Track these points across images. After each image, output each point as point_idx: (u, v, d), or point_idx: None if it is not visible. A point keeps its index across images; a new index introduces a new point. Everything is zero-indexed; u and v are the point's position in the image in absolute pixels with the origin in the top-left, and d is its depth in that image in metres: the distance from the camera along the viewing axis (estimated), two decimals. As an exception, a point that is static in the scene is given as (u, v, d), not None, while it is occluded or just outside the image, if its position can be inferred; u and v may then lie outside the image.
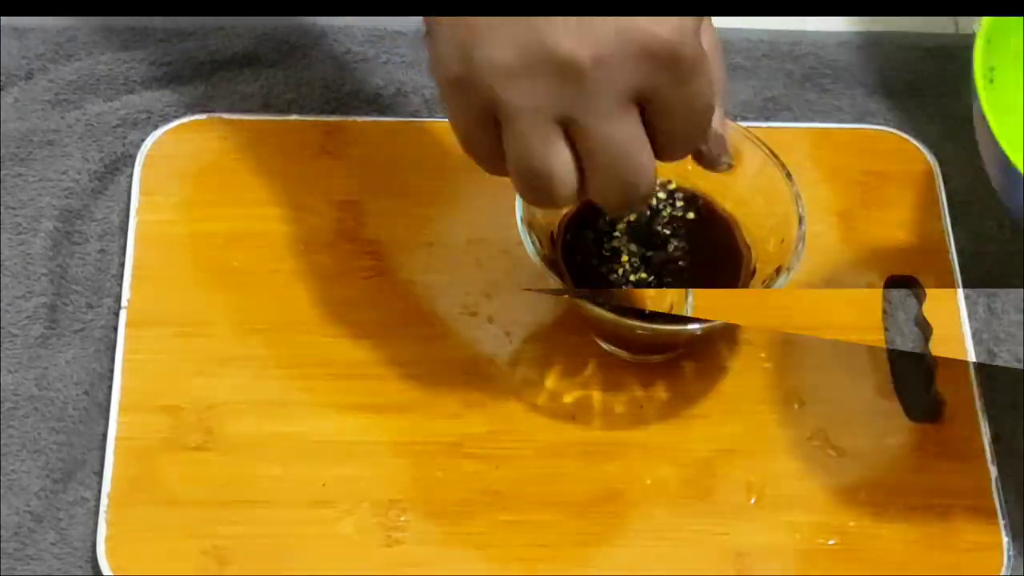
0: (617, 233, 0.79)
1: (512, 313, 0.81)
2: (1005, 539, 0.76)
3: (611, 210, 0.72)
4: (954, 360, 0.81)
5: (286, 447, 0.77)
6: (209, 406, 0.77)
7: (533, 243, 0.76)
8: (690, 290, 0.75)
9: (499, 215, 0.78)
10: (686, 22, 0.66)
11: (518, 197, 0.74)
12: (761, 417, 0.79)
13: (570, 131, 0.67)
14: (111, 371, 0.78)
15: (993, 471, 0.78)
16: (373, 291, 0.80)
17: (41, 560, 0.74)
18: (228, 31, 0.90)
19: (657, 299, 0.77)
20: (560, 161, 0.68)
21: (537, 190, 0.69)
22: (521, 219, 0.76)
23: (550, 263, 0.77)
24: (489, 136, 0.68)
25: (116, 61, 0.88)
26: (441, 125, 0.84)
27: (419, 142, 0.71)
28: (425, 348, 0.79)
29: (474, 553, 0.75)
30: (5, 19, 0.89)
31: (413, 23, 0.90)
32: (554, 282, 0.76)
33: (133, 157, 0.85)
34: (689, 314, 0.75)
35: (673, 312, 0.76)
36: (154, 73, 0.88)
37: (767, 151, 0.79)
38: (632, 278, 0.78)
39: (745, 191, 0.79)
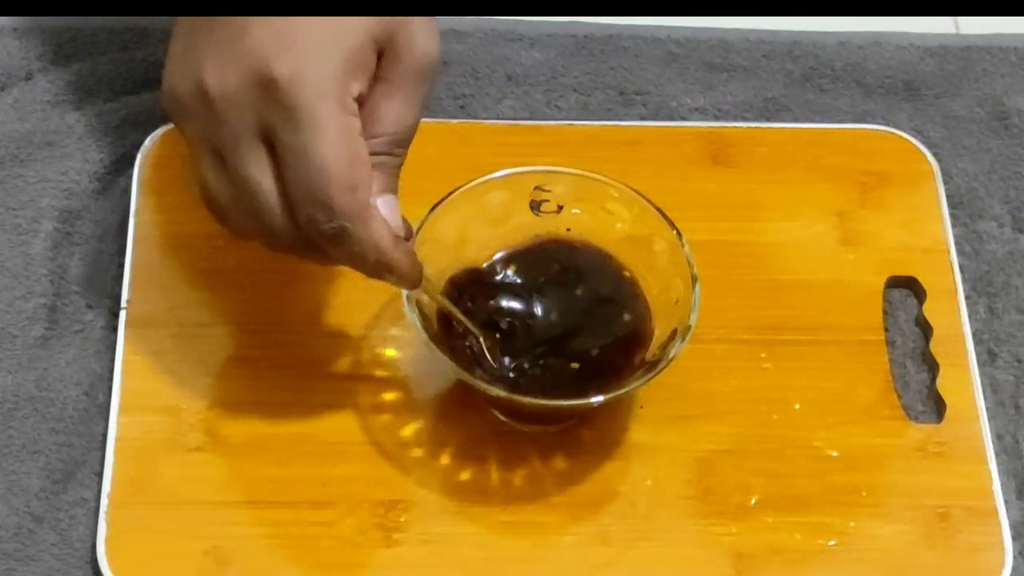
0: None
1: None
2: (1005, 539, 0.76)
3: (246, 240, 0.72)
4: (954, 360, 0.81)
5: (286, 447, 0.77)
6: (209, 406, 0.77)
7: (419, 320, 0.74)
8: (696, 281, 0.75)
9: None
10: (325, 64, 0.66)
11: None
12: (761, 417, 0.79)
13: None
14: (111, 371, 0.78)
15: (993, 471, 0.78)
16: (373, 291, 0.80)
17: (41, 560, 0.74)
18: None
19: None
20: (214, 189, 0.70)
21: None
22: (407, 296, 0.74)
23: (438, 339, 0.75)
24: None
25: (116, 61, 0.88)
26: (439, 126, 0.84)
27: (418, 142, 0.71)
28: (425, 348, 0.79)
29: (474, 553, 0.75)
30: (5, 19, 0.89)
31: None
32: (441, 358, 0.74)
33: (133, 157, 0.85)
34: (696, 305, 0.74)
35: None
36: (154, 73, 0.87)
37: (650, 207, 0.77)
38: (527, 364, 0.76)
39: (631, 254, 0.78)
